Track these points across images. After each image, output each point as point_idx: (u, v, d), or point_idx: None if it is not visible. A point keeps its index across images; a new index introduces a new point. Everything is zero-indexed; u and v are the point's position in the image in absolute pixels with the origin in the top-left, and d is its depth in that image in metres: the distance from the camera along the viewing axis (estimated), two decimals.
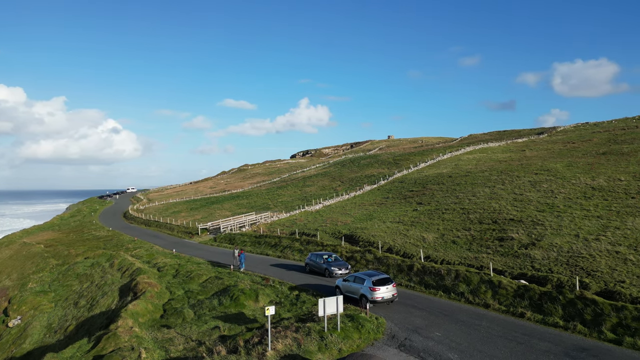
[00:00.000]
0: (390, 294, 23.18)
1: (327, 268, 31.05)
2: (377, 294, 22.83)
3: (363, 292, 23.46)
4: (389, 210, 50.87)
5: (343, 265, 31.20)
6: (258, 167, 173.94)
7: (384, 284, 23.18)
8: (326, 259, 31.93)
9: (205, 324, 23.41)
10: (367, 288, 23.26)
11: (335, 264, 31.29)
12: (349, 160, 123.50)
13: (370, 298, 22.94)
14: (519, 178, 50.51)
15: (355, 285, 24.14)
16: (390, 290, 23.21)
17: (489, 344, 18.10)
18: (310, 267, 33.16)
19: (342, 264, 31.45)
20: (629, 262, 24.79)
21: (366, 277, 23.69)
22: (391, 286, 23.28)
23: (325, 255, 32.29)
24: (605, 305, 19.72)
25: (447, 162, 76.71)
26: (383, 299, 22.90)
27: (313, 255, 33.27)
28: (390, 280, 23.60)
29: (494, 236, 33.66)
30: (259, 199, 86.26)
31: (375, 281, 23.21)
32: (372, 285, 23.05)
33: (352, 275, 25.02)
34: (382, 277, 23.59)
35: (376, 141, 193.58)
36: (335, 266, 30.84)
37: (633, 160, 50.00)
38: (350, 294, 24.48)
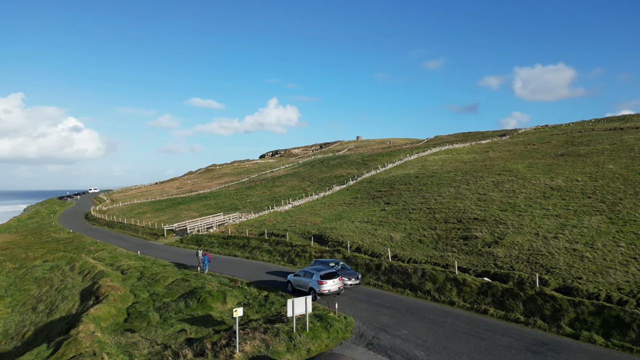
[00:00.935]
0: (337, 286, 25.06)
1: None
2: (324, 287, 24.67)
3: (312, 285, 25.22)
4: (357, 210, 51.30)
5: (352, 274, 27.44)
6: (226, 167, 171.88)
7: (331, 277, 25.08)
8: (333, 267, 27.96)
9: (171, 327, 22.93)
10: (315, 282, 25.05)
11: (344, 273, 27.27)
12: (318, 160, 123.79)
13: (318, 291, 24.76)
14: (482, 178, 51.97)
15: (305, 280, 25.91)
16: (337, 283, 25.11)
17: (454, 340, 18.53)
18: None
19: (351, 273, 27.74)
20: (586, 259, 25.93)
21: (315, 272, 25.51)
22: (337, 279, 25.23)
23: (332, 263, 28.51)
24: (563, 300, 20.55)
25: (414, 162, 78.08)
26: (330, 291, 24.77)
27: (318, 263, 29.42)
28: (337, 274, 25.49)
29: (458, 235, 34.49)
30: (227, 200, 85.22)
31: (322, 275, 25.05)
32: (320, 279, 24.83)
33: (302, 270, 26.94)
34: (329, 271, 25.50)
35: (345, 142, 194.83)
36: (345, 276, 26.84)
37: (589, 161, 52.33)
38: (300, 288, 26.29)
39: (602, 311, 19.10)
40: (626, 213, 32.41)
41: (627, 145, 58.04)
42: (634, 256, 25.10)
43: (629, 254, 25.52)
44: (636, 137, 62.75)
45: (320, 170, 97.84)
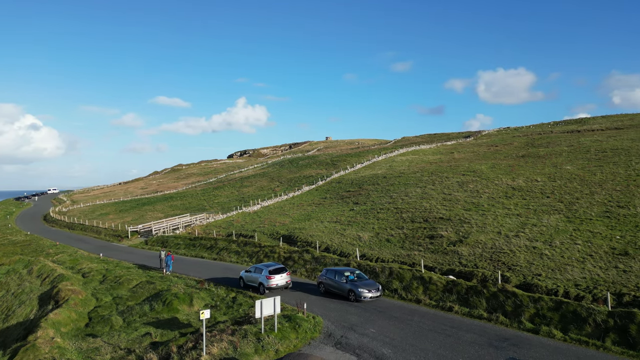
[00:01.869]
0: (284, 281, 26.94)
1: (352, 289, 24.48)
2: (272, 282, 26.50)
3: (261, 280, 26.94)
4: (326, 210, 51.49)
5: (371, 285, 24.63)
6: (193, 167, 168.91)
7: (279, 272, 26.89)
8: (348, 276, 25.43)
9: (135, 331, 22.33)
10: (264, 277, 26.78)
11: (363, 283, 24.77)
12: (287, 160, 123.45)
13: (266, 285, 26.58)
14: (448, 179, 53.17)
15: (255, 275, 27.56)
16: (284, 278, 26.95)
17: (420, 337, 18.88)
18: (326, 287, 26.25)
19: (371, 283, 24.92)
20: (545, 256, 26.95)
21: (264, 268, 27.21)
22: (285, 274, 27.06)
23: (347, 272, 25.75)
24: (524, 297, 21.29)
25: (382, 163, 79.05)
26: (277, 285, 26.63)
27: (329, 272, 26.41)
28: (285, 270, 27.35)
29: (425, 234, 35.17)
30: (194, 200, 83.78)
31: (271, 270, 26.82)
32: (268, 274, 26.62)
33: (253, 266, 28.49)
34: (277, 267, 27.30)
35: (314, 142, 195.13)
36: (364, 287, 24.36)
37: (548, 162, 54.43)
38: (251, 283, 27.91)
39: (561, 306, 19.90)
40: (582, 212, 33.89)
41: (583, 147, 60.71)
42: (590, 253, 26.28)
43: (585, 251, 26.70)
44: (592, 140, 65.73)
45: (289, 171, 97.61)
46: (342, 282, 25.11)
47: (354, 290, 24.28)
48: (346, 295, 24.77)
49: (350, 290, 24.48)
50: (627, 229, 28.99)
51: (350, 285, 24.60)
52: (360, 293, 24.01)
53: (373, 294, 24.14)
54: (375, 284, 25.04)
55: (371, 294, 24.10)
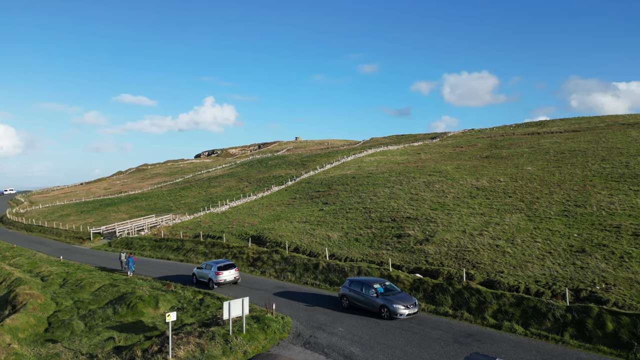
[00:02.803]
0: (232, 277, 28.48)
1: (385, 305, 21.16)
2: (221, 277, 27.98)
3: (210, 276, 28.39)
4: (296, 210, 51.43)
5: (408, 299, 21.55)
6: (159, 166, 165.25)
7: (227, 269, 28.33)
8: (378, 289, 22.18)
9: (97, 336, 21.65)
10: (213, 273, 28.25)
11: (397, 298, 21.55)
12: (256, 160, 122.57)
13: (215, 280, 28.01)
14: (415, 179, 54.14)
15: (206, 271, 29.02)
16: (232, 274, 28.48)
17: (387, 335, 19.15)
18: (350, 300, 22.94)
19: (405, 297, 21.81)
20: (507, 254, 27.85)
21: (213, 264, 28.69)
22: (233, 270, 28.60)
23: (377, 284, 22.49)
24: (487, 294, 21.93)
25: (351, 163, 79.66)
26: (225, 281, 28.13)
27: (355, 284, 23.09)
28: (234, 266, 28.84)
29: (392, 233, 35.68)
30: (159, 201, 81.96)
31: (219, 267, 28.29)
32: (217, 270, 28.12)
33: (204, 263, 29.85)
34: (226, 263, 28.74)
35: (284, 142, 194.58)
36: (399, 302, 21.13)
37: (510, 163, 56.26)
38: (202, 279, 29.32)
39: (522, 302, 20.61)
40: (542, 211, 35.21)
41: (543, 148, 63.09)
42: (549, 251, 27.34)
43: (545, 248, 27.76)
44: (551, 141, 68.40)
45: (258, 171, 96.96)
46: (372, 296, 21.89)
47: (387, 306, 21.06)
48: (377, 311, 21.54)
49: (384, 306, 21.22)
50: (583, 227, 30.32)
51: (383, 300, 21.36)
52: (395, 309, 20.81)
53: (410, 310, 21.02)
54: (411, 297, 21.97)
55: (408, 310, 20.96)
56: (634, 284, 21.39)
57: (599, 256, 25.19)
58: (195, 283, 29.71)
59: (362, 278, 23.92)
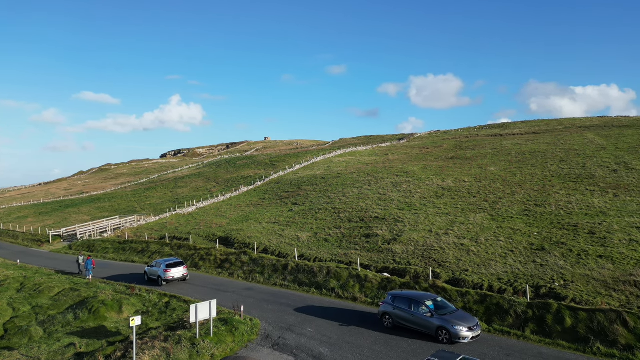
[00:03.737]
0: (181, 274, 29.81)
1: (443, 327, 17.86)
2: (169, 274, 29.29)
3: (160, 273, 29.67)
4: (265, 211, 51.10)
5: (469, 319, 18.32)
6: (123, 166, 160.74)
7: (176, 266, 29.71)
8: (429, 305, 19.00)
9: (57, 342, 20.82)
10: (162, 270, 29.55)
11: (455, 317, 18.31)
12: (224, 160, 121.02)
13: (163, 277, 29.32)
14: (383, 179, 54.81)
15: (155, 269, 30.28)
16: (181, 271, 29.84)
17: (356, 335, 19.29)
18: (395, 320, 19.69)
19: (466, 317, 18.54)
20: (471, 253, 28.59)
21: (162, 262, 30.03)
22: (182, 268, 29.97)
23: (428, 300, 19.34)
24: (452, 292, 22.44)
25: (321, 164, 79.86)
26: (174, 277, 29.44)
27: (400, 300, 19.79)
28: (182, 264, 30.29)
29: (361, 233, 35.99)
30: (123, 202, 79.70)
31: (168, 264, 29.65)
32: (166, 268, 29.44)
33: (155, 261, 31.11)
34: (175, 261, 30.22)
35: (253, 142, 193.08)
36: (460, 322, 17.90)
37: (474, 164, 57.81)
38: (152, 277, 30.50)
39: (485, 299, 21.21)
40: (505, 211, 36.35)
41: (505, 150, 65.14)
42: (511, 249, 28.25)
43: (507, 247, 28.66)
44: (513, 143, 70.71)
45: (226, 171, 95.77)
46: (425, 316, 18.60)
47: (446, 328, 17.75)
48: (433, 334, 18.29)
49: (442, 328, 17.91)
50: (543, 225, 31.49)
51: (441, 321, 18.02)
52: (457, 332, 17.55)
53: (475, 332, 17.86)
54: (472, 316, 18.89)
55: (472, 332, 17.76)
56: (591, 281, 22.38)
57: (558, 254, 26.22)
58: (147, 281, 30.99)
59: (408, 293, 20.53)
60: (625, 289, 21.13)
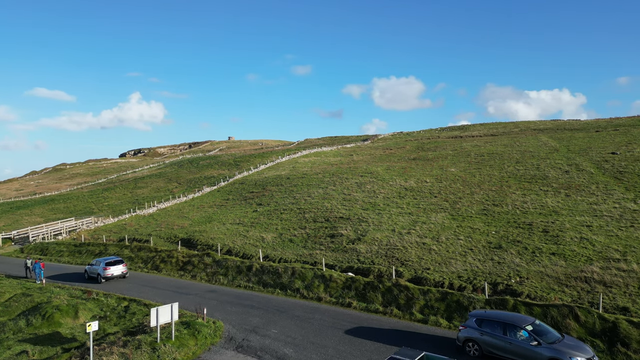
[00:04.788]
0: (120, 271, 31.12)
1: (555, 359, 14.77)
2: (108, 272, 30.62)
3: (99, 271, 30.95)
4: (229, 212, 50.45)
5: (583, 348, 15.29)
6: (79, 166, 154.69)
7: (115, 264, 31.13)
8: (529, 329, 15.75)
9: (8, 350, 19.78)
10: (101, 268, 30.84)
11: (567, 345, 15.26)
12: (187, 160, 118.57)
13: (103, 275, 30.64)
14: (347, 180, 55.27)
15: (95, 267, 31.47)
16: (120, 269, 31.17)
17: (320, 335, 19.36)
18: (485, 348, 16.41)
19: (578, 345, 15.53)
20: (433, 251, 29.29)
21: (102, 260, 31.32)
22: (121, 266, 31.32)
23: (526, 324, 15.99)
24: (415, 290, 22.91)
25: (286, 164, 79.62)
26: (113, 275, 30.76)
27: (489, 324, 16.49)
28: (121, 262, 31.60)
29: (326, 233, 36.15)
30: (80, 203, 76.70)
31: (107, 262, 31.02)
32: (105, 266, 30.77)
33: (95, 260, 32.43)
34: (114, 259, 31.66)
35: (216, 142, 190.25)
36: (576, 352, 14.91)
37: (435, 165, 59.24)
38: (92, 274, 31.66)
39: (446, 297, 21.77)
40: (464, 210, 37.44)
41: (465, 151, 67.11)
42: (471, 247, 29.14)
43: (467, 245, 29.54)
44: (472, 145, 72.93)
45: (189, 171, 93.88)
46: (530, 345, 15.37)
47: None
48: None
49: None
50: (500, 224, 32.66)
51: (553, 352, 14.87)
52: None
53: None
54: (584, 344, 15.82)
55: None
56: (544, 277, 23.40)
57: (514, 252, 27.26)
58: (87, 279, 32.00)
59: (497, 314, 17.10)
60: (576, 284, 22.23)
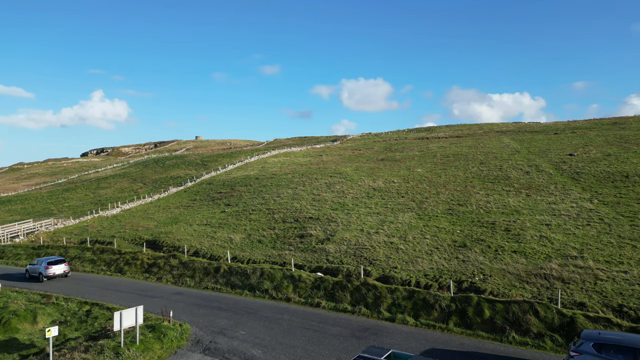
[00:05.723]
0: (62, 270, 31.96)
1: None
2: (50, 271, 31.48)
3: (40, 270, 31.82)
4: (196, 212, 49.61)
5: None
6: (38, 166, 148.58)
7: (57, 264, 31.92)
8: None
9: None
10: (43, 267, 31.64)
11: None
12: (152, 160, 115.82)
13: (44, 274, 31.49)
14: (317, 180, 55.39)
15: (37, 267, 32.20)
16: (62, 268, 32.02)
17: (289, 335, 19.32)
18: None
19: None
20: (400, 250, 29.74)
21: (44, 260, 32.19)
22: (63, 265, 32.18)
23: None
24: (382, 288, 23.20)
25: (255, 164, 79.02)
26: (54, 274, 31.60)
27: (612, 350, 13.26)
28: (63, 261, 32.39)
29: (295, 234, 36.11)
30: (38, 204, 73.68)
31: (49, 262, 31.86)
32: (47, 265, 31.65)
33: (37, 259, 33.12)
34: (56, 259, 32.42)
35: (183, 141, 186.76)
36: None
37: (403, 165, 60.20)
38: (33, 274, 32.34)
39: (413, 295, 22.16)
40: (430, 210, 38.21)
41: (431, 152, 68.50)
42: (437, 246, 29.76)
43: (433, 244, 30.16)
44: (438, 146, 74.52)
45: (154, 171, 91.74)
46: None
47: None
48: None
49: None
50: (465, 224, 33.51)
51: None
52: None
53: None
54: None
55: None
56: (506, 274, 24.18)
57: (478, 250, 28.04)
58: (28, 278, 32.64)
59: (623, 337, 13.70)
60: (536, 281, 23.08)
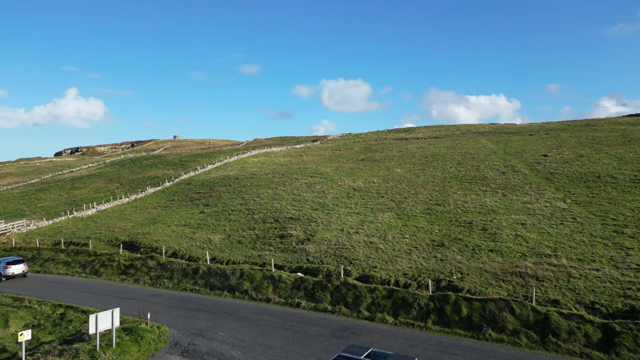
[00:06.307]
0: (21, 270, 32.73)
1: None
2: (9, 271, 32.15)
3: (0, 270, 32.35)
4: (174, 213, 48.95)
5: None
6: (9, 165, 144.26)
7: (16, 264, 32.71)
8: None
9: None
10: (2, 267, 32.26)
11: None
12: (129, 160, 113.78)
13: (3, 274, 32.13)
14: (297, 180, 55.33)
15: None
16: (21, 268, 32.79)
17: (269, 336, 19.26)
18: None
19: None
20: (380, 250, 29.96)
21: (2, 260, 32.87)
22: (22, 265, 32.91)
23: None
24: (362, 288, 23.34)
25: (234, 164, 78.42)
26: (14, 274, 32.33)
27: None
28: (23, 261, 33.14)
29: (275, 234, 36.00)
30: (10, 205, 71.56)
31: (8, 262, 32.54)
32: (6, 265, 32.22)
33: None
34: (15, 259, 33.12)
35: (161, 141, 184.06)
36: None
37: (382, 166, 60.66)
38: None
39: (392, 294, 22.36)
40: (409, 210, 38.62)
41: (410, 152, 69.22)
42: (415, 246, 30.10)
43: (412, 244, 30.49)
44: (417, 146, 75.35)
45: (131, 171, 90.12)
46: None
47: None
48: None
49: None
50: (443, 223, 33.99)
51: None
52: None
53: None
54: None
55: None
56: (483, 273, 24.62)
57: (456, 249, 28.47)
58: None
59: None
60: (512, 279, 23.58)
